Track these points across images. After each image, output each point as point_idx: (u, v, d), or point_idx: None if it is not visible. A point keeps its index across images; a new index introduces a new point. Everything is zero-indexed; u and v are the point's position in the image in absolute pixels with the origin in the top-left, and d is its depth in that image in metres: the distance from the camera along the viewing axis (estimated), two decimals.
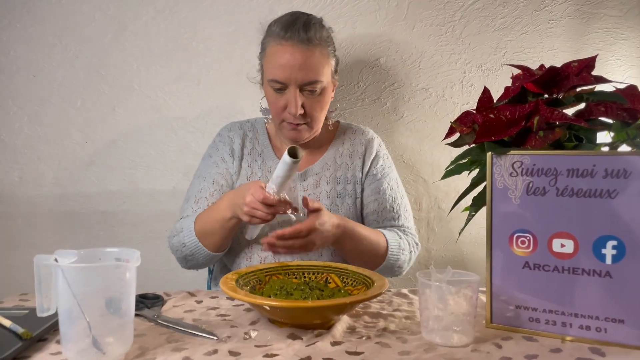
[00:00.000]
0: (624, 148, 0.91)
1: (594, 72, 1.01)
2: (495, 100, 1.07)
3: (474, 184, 1.01)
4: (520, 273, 0.88)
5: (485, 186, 1.01)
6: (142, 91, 1.63)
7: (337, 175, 1.33)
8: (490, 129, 0.92)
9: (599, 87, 1.00)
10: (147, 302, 1.02)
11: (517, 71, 1.07)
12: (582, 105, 1.00)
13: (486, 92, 1.08)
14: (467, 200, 1.02)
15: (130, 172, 1.66)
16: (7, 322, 0.87)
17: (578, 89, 1.01)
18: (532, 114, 0.93)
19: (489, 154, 0.90)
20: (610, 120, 0.95)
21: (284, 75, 1.21)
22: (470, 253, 1.72)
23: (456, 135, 1.09)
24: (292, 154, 1.04)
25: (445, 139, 1.10)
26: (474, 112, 1.09)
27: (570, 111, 1.01)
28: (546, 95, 1.03)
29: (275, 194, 1.06)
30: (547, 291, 0.86)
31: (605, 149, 0.93)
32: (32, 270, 0.79)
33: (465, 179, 1.06)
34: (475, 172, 1.06)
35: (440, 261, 1.70)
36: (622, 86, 0.96)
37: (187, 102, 1.64)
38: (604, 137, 0.97)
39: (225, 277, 0.95)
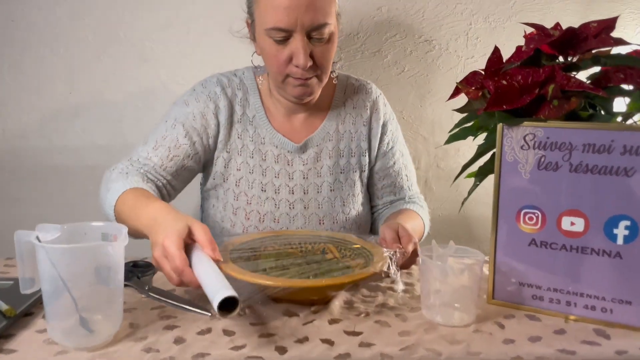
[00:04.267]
0: None
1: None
2: (504, 60, 1.01)
3: (480, 153, 0.96)
4: (526, 250, 0.84)
5: (492, 155, 0.96)
6: (128, 40, 1.54)
7: (340, 147, 1.21)
8: (502, 96, 0.86)
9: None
10: (137, 271, 0.99)
11: (529, 29, 1.00)
12: (596, 68, 0.94)
13: (496, 52, 1.01)
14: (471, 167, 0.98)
15: (118, 125, 1.59)
16: None
17: (594, 51, 0.95)
18: (547, 81, 0.87)
19: (499, 125, 0.84)
20: (630, 87, 0.89)
21: (289, 19, 1.00)
22: (469, 211, 1.69)
23: (461, 97, 1.03)
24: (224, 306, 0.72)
25: (450, 99, 1.04)
26: (482, 72, 1.02)
27: (583, 74, 0.95)
28: (561, 58, 0.97)
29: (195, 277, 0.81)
30: (553, 269, 0.83)
31: (620, 119, 0.88)
32: (18, 227, 0.75)
33: (468, 141, 1.01)
34: (481, 138, 1.01)
35: (438, 220, 1.67)
36: None
37: (175, 51, 1.55)
38: (620, 103, 0.91)
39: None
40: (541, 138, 0.81)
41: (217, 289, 0.73)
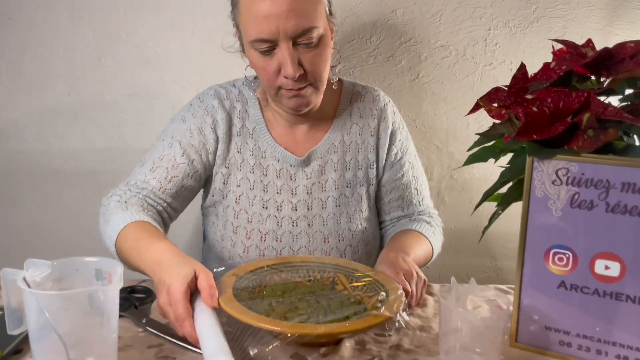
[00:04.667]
0: None
1: None
2: (529, 75, 0.94)
3: (503, 182, 0.89)
4: (555, 292, 0.78)
5: (517, 182, 0.89)
6: (130, 40, 1.47)
7: (346, 159, 1.13)
8: (532, 124, 0.79)
9: None
10: (134, 299, 0.93)
11: (556, 43, 0.92)
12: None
13: (522, 69, 0.94)
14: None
15: (119, 129, 1.53)
16: None
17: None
18: (581, 108, 0.79)
19: (529, 158, 0.77)
20: None
21: (270, 29, 0.93)
22: (483, 223, 1.62)
23: (481, 113, 0.96)
24: None
25: (469, 114, 0.97)
26: (505, 88, 0.95)
27: (615, 99, 0.88)
28: (593, 78, 0.90)
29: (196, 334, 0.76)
30: (584, 314, 0.76)
31: None
32: (14, 231, 0.70)
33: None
34: (503, 159, 0.94)
35: (451, 233, 1.61)
36: None
37: (179, 53, 1.48)
38: None
39: (221, 283, 0.84)
40: (575, 173, 0.74)
41: (215, 353, 0.67)
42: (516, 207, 0.86)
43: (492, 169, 1.61)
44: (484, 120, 1.52)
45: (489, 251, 1.65)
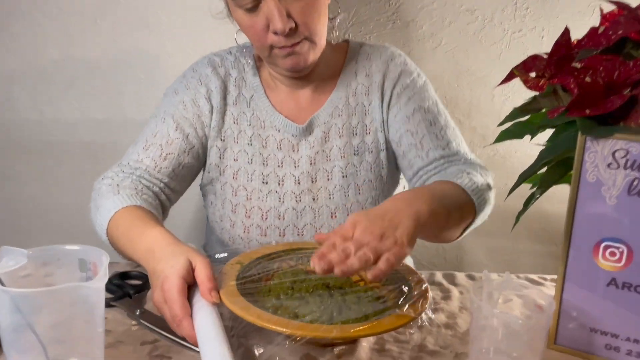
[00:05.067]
0: None
1: None
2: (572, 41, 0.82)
3: (544, 161, 0.78)
4: (604, 290, 0.68)
5: (555, 164, 0.79)
6: (130, 3, 1.35)
7: (352, 123, 1.02)
8: (584, 97, 0.68)
9: None
10: (128, 287, 0.84)
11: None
12: None
13: (566, 34, 0.82)
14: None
15: (117, 98, 1.43)
16: None
17: None
18: None
19: (581, 137, 0.67)
20: None
21: None
22: (503, 204, 1.52)
23: (507, 85, 0.84)
24: None
25: (501, 84, 0.86)
26: (544, 57, 0.84)
27: None
28: None
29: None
30: (636, 317, 0.67)
31: None
32: (6, 207, 0.61)
33: None
34: (541, 136, 0.83)
35: None
36: None
37: (184, 18, 1.36)
38: None
39: (223, 273, 0.75)
40: (636, 156, 0.64)
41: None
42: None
43: (517, 145, 1.50)
44: (510, 93, 1.41)
45: (509, 233, 1.55)
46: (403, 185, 1.12)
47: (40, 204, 1.47)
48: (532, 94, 0.82)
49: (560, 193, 0.88)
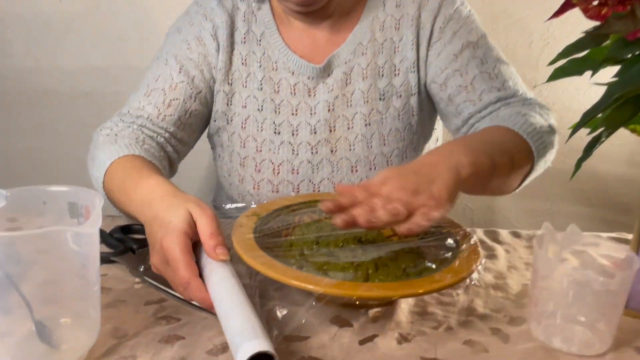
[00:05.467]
0: None
1: None
2: None
3: (615, 98, 0.67)
4: None
5: (625, 102, 0.67)
6: None
7: (378, 63, 0.88)
8: None
9: None
10: (131, 241, 0.74)
11: None
12: None
13: None
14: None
15: (119, 44, 1.31)
16: None
17: None
18: None
19: None
20: None
21: None
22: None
23: (548, 28, 0.72)
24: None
25: (554, 16, 0.73)
26: None
27: None
28: None
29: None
30: None
31: None
32: (4, 159, 0.52)
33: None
34: (605, 71, 0.72)
35: None
36: None
37: None
38: None
39: (238, 225, 0.65)
40: None
41: (241, 331, 0.49)
42: (579, 139, 0.65)
43: (555, 97, 1.38)
44: (550, 38, 1.28)
45: (543, 192, 1.44)
46: (436, 137, 1.00)
47: (39, 158, 1.38)
48: (573, 36, 0.70)
49: (601, 150, 0.77)
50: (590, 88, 1.29)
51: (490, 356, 0.54)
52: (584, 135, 0.71)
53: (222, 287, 0.55)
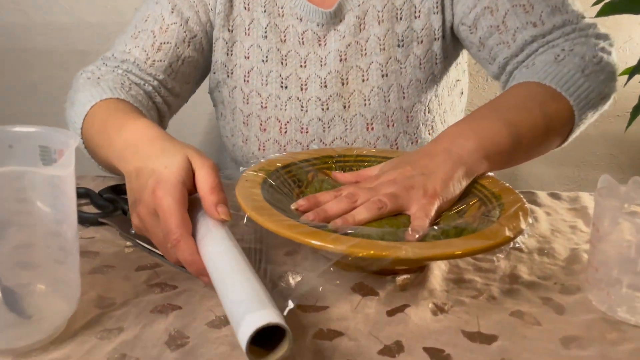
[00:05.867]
0: None
1: None
2: None
3: None
4: None
5: None
6: None
7: (396, 3, 0.78)
8: None
9: None
10: (122, 201, 0.66)
11: None
12: None
13: None
14: None
15: None
16: None
17: None
18: None
19: None
20: None
21: None
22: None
23: None
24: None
25: None
26: None
27: None
28: None
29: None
30: None
31: None
32: None
33: None
34: None
35: None
36: None
37: None
38: None
39: (244, 180, 0.57)
40: None
41: (244, 301, 0.40)
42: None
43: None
44: None
45: (570, 157, 1.34)
46: (461, 90, 0.90)
47: (28, 121, 1.29)
48: None
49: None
50: None
51: (544, 330, 0.46)
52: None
53: (219, 250, 0.46)
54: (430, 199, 0.53)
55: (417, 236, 0.48)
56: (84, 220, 0.63)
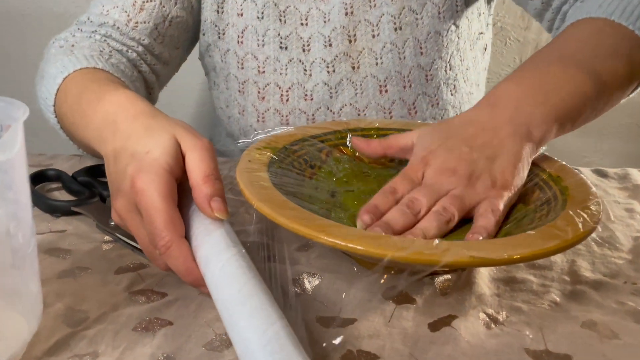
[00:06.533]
0: None
1: None
2: None
3: None
4: None
5: None
6: None
7: None
8: None
9: None
10: (100, 185, 0.56)
11: None
12: None
13: None
14: None
15: None
16: None
17: None
18: None
19: None
20: None
21: None
22: None
23: None
24: None
25: None
26: None
27: None
28: None
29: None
30: None
31: None
32: None
33: None
34: None
35: None
36: None
37: None
38: None
39: (246, 160, 0.47)
40: None
41: (261, 340, 0.31)
42: None
43: None
44: None
45: (590, 128, 1.24)
46: (484, 45, 0.79)
47: (3, 87, 1.18)
48: None
49: None
50: None
51: (625, 345, 0.37)
52: None
53: (221, 260, 0.36)
54: (500, 191, 0.43)
55: (480, 238, 0.39)
56: (54, 209, 0.53)
